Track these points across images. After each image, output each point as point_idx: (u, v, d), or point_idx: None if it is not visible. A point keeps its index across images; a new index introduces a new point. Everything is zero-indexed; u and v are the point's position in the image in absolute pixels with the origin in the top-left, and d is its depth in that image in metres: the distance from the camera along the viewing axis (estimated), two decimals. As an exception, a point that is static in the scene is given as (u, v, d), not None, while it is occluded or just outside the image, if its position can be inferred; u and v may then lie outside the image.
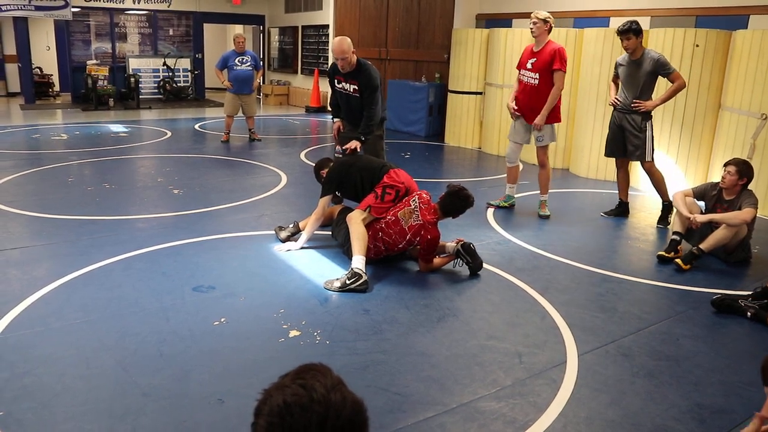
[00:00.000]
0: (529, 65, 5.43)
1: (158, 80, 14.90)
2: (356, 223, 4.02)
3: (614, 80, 5.53)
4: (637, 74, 5.18)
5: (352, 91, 4.98)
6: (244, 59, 8.87)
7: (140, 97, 13.57)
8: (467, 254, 4.13)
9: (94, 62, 13.96)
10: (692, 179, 6.55)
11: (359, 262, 3.82)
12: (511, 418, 2.54)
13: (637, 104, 5.21)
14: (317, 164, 4.83)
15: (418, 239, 4.03)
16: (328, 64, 13.68)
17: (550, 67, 5.28)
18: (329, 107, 5.43)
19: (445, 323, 3.41)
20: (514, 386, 2.78)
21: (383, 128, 5.26)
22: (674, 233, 4.60)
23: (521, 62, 5.56)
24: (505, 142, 8.74)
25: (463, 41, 9.19)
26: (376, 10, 11.89)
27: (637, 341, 3.27)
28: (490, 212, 5.66)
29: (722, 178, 4.50)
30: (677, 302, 3.83)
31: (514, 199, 5.89)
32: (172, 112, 13.02)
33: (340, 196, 4.71)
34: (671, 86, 5.18)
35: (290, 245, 4.44)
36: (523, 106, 5.52)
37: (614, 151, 5.52)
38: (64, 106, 13.52)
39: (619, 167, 5.64)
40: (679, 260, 4.36)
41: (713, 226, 4.45)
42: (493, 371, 2.91)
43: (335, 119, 5.38)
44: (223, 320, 3.30)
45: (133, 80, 13.56)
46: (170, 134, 9.80)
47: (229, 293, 3.67)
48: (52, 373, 2.73)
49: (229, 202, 5.70)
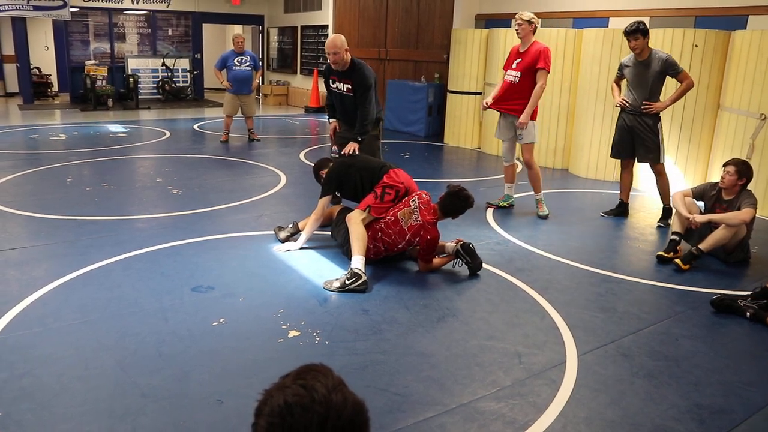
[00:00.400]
0: (514, 65, 5.46)
1: (157, 80, 14.90)
2: (356, 223, 4.02)
3: (616, 81, 5.51)
4: (645, 75, 5.16)
5: (345, 90, 4.97)
6: (243, 59, 8.87)
7: (139, 97, 13.57)
8: (467, 254, 4.13)
9: (92, 62, 13.95)
10: (691, 179, 6.56)
11: (359, 262, 3.82)
12: (510, 418, 2.54)
13: (647, 106, 5.18)
14: (316, 164, 4.83)
15: (417, 239, 4.03)
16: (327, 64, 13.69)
17: (533, 66, 5.30)
18: (325, 107, 5.42)
19: (444, 323, 3.41)
20: (513, 386, 2.78)
21: (379, 128, 5.26)
22: (673, 233, 4.61)
23: (508, 63, 5.59)
24: (504, 142, 8.78)
25: (462, 41, 9.19)
26: (375, 10, 11.89)
27: (636, 341, 3.27)
28: (489, 212, 5.66)
29: (721, 178, 4.50)
30: (676, 302, 3.83)
31: (513, 199, 5.88)
32: (171, 112, 13.01)
33: (339, 196, 4.71)
34: (680, 86, 5.16)
35: (289, 245, 4.44)
36: (499, 101, 5.55)
37: (621, 152, 5.49)
38: (62, 106, 13.51)
39: (623, 168, 5.62)
40: (678, 260, 4.36)
41: (712, 226, 4.45)
42: (492, 371, 2.90)
43: (331, 120, 5.37)
44: (222, 320, 3.30)
45: (131, 80, 13.56)
46: (169, 134, 9.79)
47: (228, 293, 3.66)
48: (51, 373, 2.73)
49: (228, 202, 5.70)
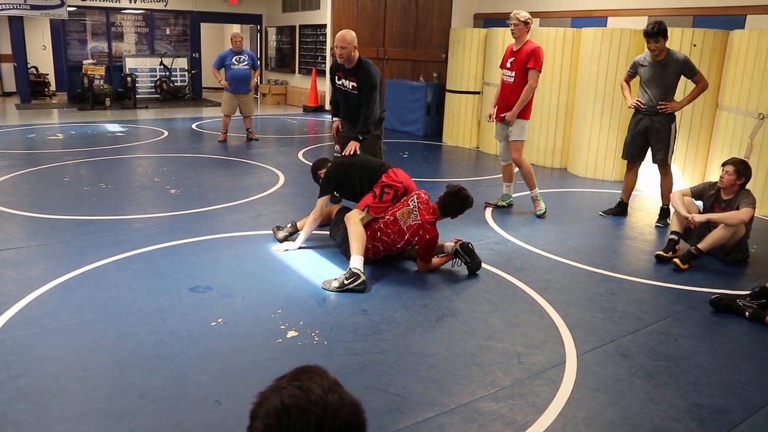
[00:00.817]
0: (508, 64, 5.48)
1: (155, 80, 14.85)
2: (354, 223, 4.01)
3: (627, 80, 5.46)
4: (662, 75, 5.12)
5: (351, 88, 4.96)
6: (241, 58, 8.85)
7: (137, 96, 13.53)
8: (466, 254, 4.12)
9: (90, 62, 13.90)
10: (690, 179, 6.55)
11: (357, 262, 3.81)
12: (510, 418, 2.53)
13: (663, 106, 5.15)
14: (314, 164, 4.82)
15: (416, 239, 4.02)
16: (325, 63, 13.67)
17: (525, 65, 5.32)
18: (329, 105, 5.42)
19: (443, 323, 3.40)
20: (513, 387, 2.77)
21: (381, 128, 5.25)
22: (672, 233, 4.60)
23: (503, 62, 5.61)
24: (502, 141, 8.77)
25: (461, 41, 9.19)
26: (373, 9, 11.87)
27: (635, 341, 3.26)
28: (488, 212, 5.65)
29: (720, 177, 4.50)
30: (675, 302, 3.83)
31: (512, 198, 5.88)
32: (169, 111, 12.99)
33: (338, 195, 4.70)
34: (695, 88, 5.16)
35: (288, 245, 4.42)
36: (500, 104, 5.59)
37: (633, 154, 5.45)
38: (60, 105, 13.47)
39: (629, 168, 5.59)
40: (677, 260, 4.36)
41: (711, 225, 4.45)
42: (492, 372, 2.90)
43: (334, 118, 5.37)
44: (220, 321, 3.28)
45: (129, 80, 13.53)
46: (167, 134, 9.77)
47: (226, 293, 3.65)
48: (48, 374, 2.71)
49: (226, 201, 5.69)
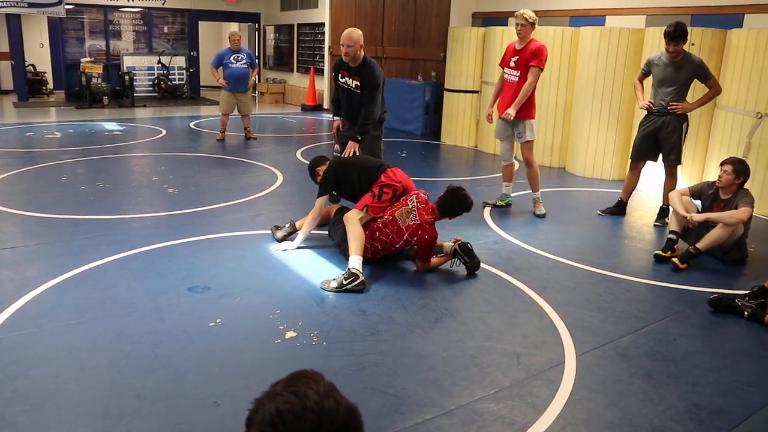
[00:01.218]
0: (512, 63, 5.45)
1: (153, 78, 14.81)
2: (353, 222, 4.00)
3: (640, 79, 5.42)
4: (676, 77, 5.09)
5: (354, 86, 4.96)
6: (239, 57, 8.83)
7: (135, 95, 13.50)
8: (464, 254, 4.11)
9: (88, 60, 13.86)
10: (688, 178, 6.55)
11: (356, 262, 3.80)
12: (509, 419, 2.53)
13: (674, 106, 5.13)
14: (312, 162, 4.80)
15: (415, 239, 4.01)
16: (324, 62, 13.65)
17: (530, 64, 5.30)
18: (328, 104, 5.42)
19: (442, 324, 3.40)
20: (512, 387, 2.76)
21: (381, 128, 5.24)
22: (671, 232, 4.60)
23: (505, 60, 5.56)
24: (501, 140, 8.76)
25: (459, 39, 9.17)
26: (372, 8, 11.85)
27: (635, 341, 3.26)
28: (486, 211, 5.65)
29: (719, 177, 4.50)
30: (674, 302, 3.82)
31: (510, 198, 5.87)
32: (166, 110, 12.96)
33: (336, 195, 4.69)
34: (708, 92, 5.17)
35: (286, 245, 4.41)
36: (503, 103, 5.54)
37: (642, 154, 5.41)
38: (57, 103, 13.43)
39: (633, 168, 5.56)
40: (675, 259, 4.36)
41: (709, 225, 4.45)
42: (491, 372, 2.89)
43: (335, 118, 5.35)
44: (218, 321, 3.27)
45: (127, 78, 13.50)
46: (165, 133, 9.75)
47: (224, 293, 3.64)
48: (45, 374, 2.70)
49: (224, 201, 5.67)
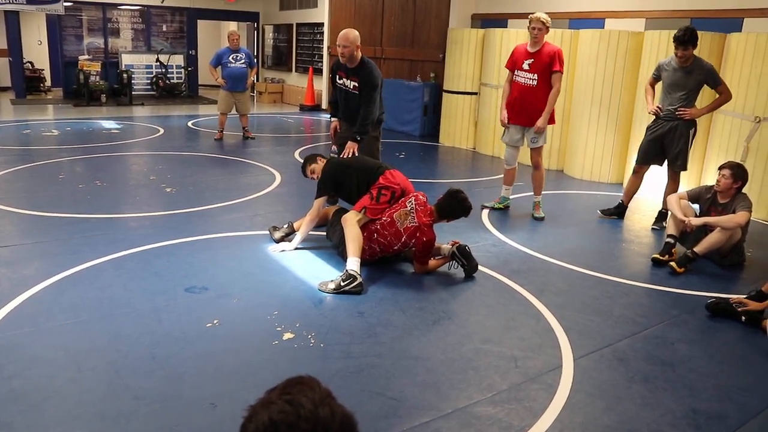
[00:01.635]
0: (525, 66, 5.34)
1: (151, 76, 14.80)
2: (351, 224, 3.99)
3: (652, 84, 5.39)
4: (686, 82, 5.08)
5: (352, 87, 4.95)
6: (238, 56, 8.82)
7: (133, 93, 13.47)
8: (462, 256, 4.11)
9: (86, 57, 13.82)
10: (686, 182, 6.55)
11: (354, 263, 3.80)
12: (507, 423, 2.53)
13: (681, 112, 5.11)
14: (305, 159, 4.74)
15: (413, 241, 4.01)
16: (322, 62, 13.63)
17: (549, 68, 5.23)
18: (326, 104, 5.40)
19: (440, 326, 3.39)
20: (509, 391, 2.76)
21: (380, 129, 5.23)
22: (668, 236, 4.61)
23: (516, 62, 5.44)
24: (500, 143, 8.72)
25: (458, 41, 9.18)
26: (371, 8, 11.85)
27: (632, 345, 3.26)
28: (485, 214, 5.64)
29: (717, 181, 4.51)
30: (672, 306, 3.83)
31: (509, 200, 5.87)
32: (164, 108, 12.93)
33: (334, 196, 4.68)
34: (718, 98, 5.16)
35: (284, 246, 4.41)
36: (518, 107, 5.44)
37: (647, 158, 5.38)
38: (55, 101, 13.39)
39: (636, 171, 5.53)
40: (673, 263, 4.36)
41: (707, 229, 4.46)
42: (488, 375, 2.89)
43: (333, 118, 5.34)
44: (216, 322, 3.26)
45: (125, 76, 13.48)
46: (163, 131, 9.73)
47: (222, 294, 3.63)
48: (41, 375, 2.69)
49: (222, 201, 5.66)
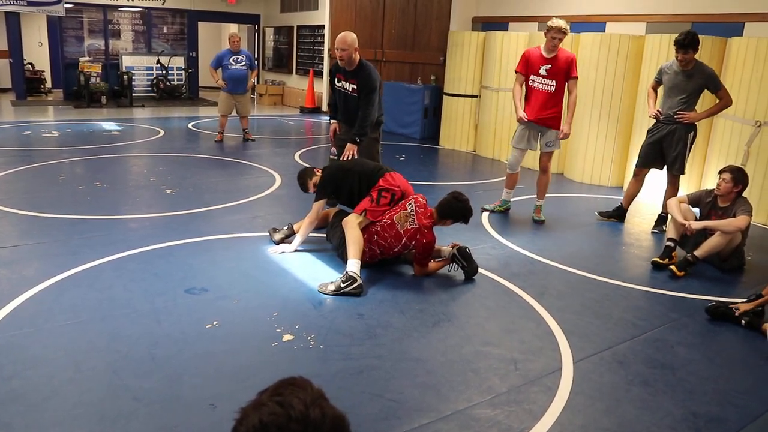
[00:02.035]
0: (543, 71, 5.30)
1: (152, 78, 14.80)
2: (352, 227, 3.99)
3: (654, 87, 5.39)
4: (686, 86, 5.08)
5: (350, 90, 4.95)
6: (238, 58, 8.83)
7: (133, 95, 13.48)
8: (463, 258, 4.11)
9: (86, 59, 13.84)
10: (686, 186, 6.56)
11: (354, 265, 3.79)
12: (506, 425, 2.52)
13: (681, 115, 5.11)
14: (302, 174, 4.59)
15: (413, 243, 4.01)
16: (323, 64, 13.65)
17: (567, 74, 5.25)
18: (327, 107, 5.38)
19: (440, 328, 3.39)
20: (509, 393, 2.76)
21: (379, 131, 5.24)
22: (669, 240, 4.61)
23: (531, 67, 5.35)
24: (500, 145, 8.76)
25: (459, 44, 9.19)
26: (372, 11, 11.87)
27: (632, 348, 3.26)
28: (485, 216, 5.64)
29: (717, 185, 4.51)
30: (672, 309, 3.83)
31: (509, 203, 5.87)
32: (165, 110, 12.94)
33: (334, 198, 4.67)
34: (718, 102, 5.16)
35: (284, 247, 4.40)
36: (535, 112, 5.38)
37: (647, 161, 5.39)
38: (55, 102, 13.40)
39: (636, 175, 5.53)
40: (673, 267, 4.36)
41: (707, 233, 4.46)
42: (488, 378, 2.89)
43: (332, 121, 5.34)
44: (216, 323, 3.26)
45: (126, 78, 13.48)
46: (163, 133, 9.73)
47: (222, 295, 3.63)
48: (41, 375, 2.69)
49: (222, 202, 5.66)
